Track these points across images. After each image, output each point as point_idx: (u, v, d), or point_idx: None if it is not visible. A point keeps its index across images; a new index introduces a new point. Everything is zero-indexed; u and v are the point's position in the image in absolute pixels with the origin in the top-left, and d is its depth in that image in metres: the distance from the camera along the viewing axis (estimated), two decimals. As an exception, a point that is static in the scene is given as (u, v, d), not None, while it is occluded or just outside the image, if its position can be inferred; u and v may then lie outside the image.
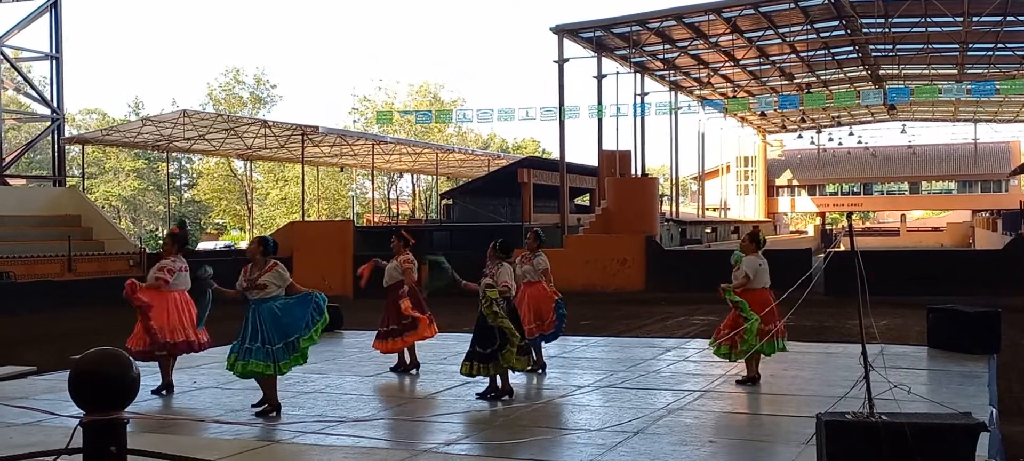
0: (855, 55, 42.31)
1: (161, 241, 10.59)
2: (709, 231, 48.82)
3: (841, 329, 15.66)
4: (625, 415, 8.50)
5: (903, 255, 29.10)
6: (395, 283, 11.17)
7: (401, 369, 11.23)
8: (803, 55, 41.65)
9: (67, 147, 42.15)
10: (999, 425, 7.93)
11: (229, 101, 67.09)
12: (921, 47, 39.45)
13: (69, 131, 47.45)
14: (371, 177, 57.19)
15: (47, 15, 34.76)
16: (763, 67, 43.75)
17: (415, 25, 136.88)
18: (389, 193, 71.79)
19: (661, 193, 41.49)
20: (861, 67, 44.86)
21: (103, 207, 53.61)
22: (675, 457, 7.04)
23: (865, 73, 46.09)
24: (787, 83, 47.95)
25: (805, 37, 37.88)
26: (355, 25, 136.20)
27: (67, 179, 40.15)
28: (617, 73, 38.63)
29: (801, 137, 69.08)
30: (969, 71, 43.45)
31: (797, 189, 78.55)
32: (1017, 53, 38.93)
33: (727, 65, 42.96)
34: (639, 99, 40.52)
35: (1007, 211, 49.27)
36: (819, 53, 41.22)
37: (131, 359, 3.09)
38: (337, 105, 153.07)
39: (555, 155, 44.18)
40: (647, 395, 9.58)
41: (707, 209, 65.44)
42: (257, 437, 8.12)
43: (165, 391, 10.11)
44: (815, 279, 8.64)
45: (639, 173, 38.11)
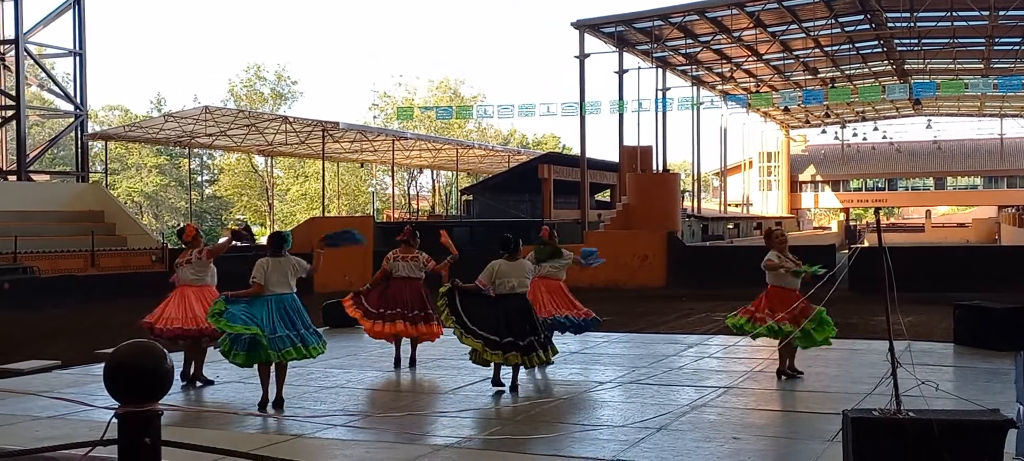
0: (880, 49, 42.05)
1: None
2: (731, 227, 48.65)
3: (866, 326, 15.55)
4: (647, 411, 8.44)
5: (928, 251, 28.89)
6: (409, 276, 11.17)
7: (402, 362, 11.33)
8: (827, 49, 41.38)
9: (90, 143, 42.39)
10: (1027, 422, 7.83)
11: (250, 97, 67.34)
12: (947, 41, 39.14)
13: (92, 127, 47.77)
14: (391, 173, 57.34)
15: (71, 12, 34.98)
16: (786, 62, 43.54)
17: (435, 19, 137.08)
18: (409, 189, 71.91)
19: (683, 189, 41.35)
20: (886, 61, 44.59)
21: (126, 203, 53.92)
22: (699, 454, 6.99)
23: (890, 67, 45.80)
24: (811, 78, 47.67)
25: (829, 31, 37.65)
26: (375, 21, 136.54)
27: (90, 175, 40.41)
28: (639, 68, 38.53)
29: (825, 132, 68.63)
30: (995, 66, 43.08)
31: (821, 185, 78.05)
32: (1044, 47, 38.60)
33: (750, 60, 42.77)
34: (660, 94, 40.40)
35: (1033, 207, 48.83)
36: (843, 47, 40.96)
37: (165, 352, 3.11)
38: (357, 101, 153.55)
39: (576, 151, 44.16)
40: (669, 391, 9.53)
41: (729, 205, 65.19)
42: (278, 431, 8.14)
43: (199, 382, 10.28)
44: (841, 277, 8.55)
45: (660, 169, 37.99)
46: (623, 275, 26.62)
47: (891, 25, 36.55)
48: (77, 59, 35.61)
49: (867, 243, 44.67)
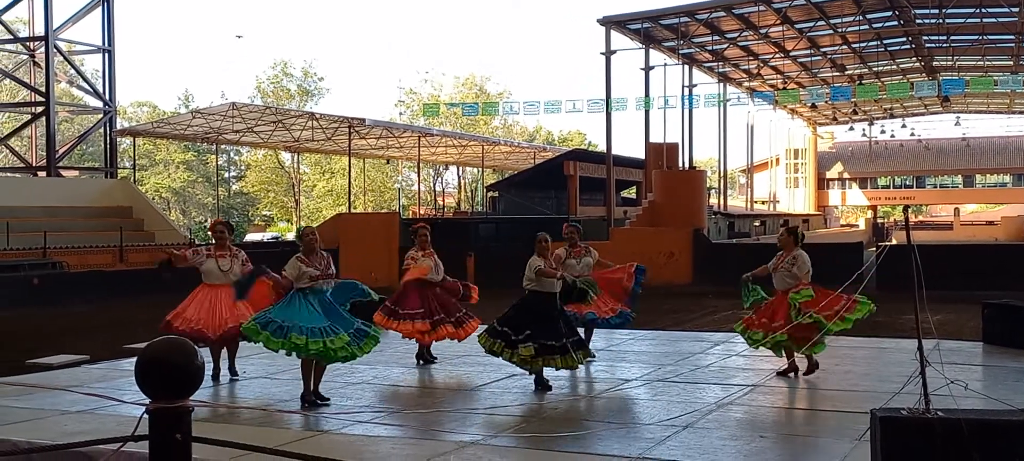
0: (908, 46, 41.68)
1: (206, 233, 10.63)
2: (757, 224, 48.36)
3: (894, 324, 15.42)
4: (674, 409, 8.42)
5: (957, 249, 28.63)
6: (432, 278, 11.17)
7: (428, 359, 11.33)
8: (855, 46, 41.08)
9: (118, 139, 42.78)
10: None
11: (277, 94, 67.65)
12: (976, 38, 38.75)
13: (120, 123, 48.11)
14: (417, 169, 57.44)
15: (100, 9, 35.30)
16: (814, 58, 43.25)
17: (462, 16, 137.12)
18: (435, 185, 72.03)
19: (709, 186, 41.18)
20: (914, 58, 44.21)
21: (153, 199, 54.36)
22: (726, 452, 6.96)
23: (918, 64, 45.41)
24: (838, 74, 47.32)
25: (857, 28, 37.36)
26: (402, 17, 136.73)
27: (118, 171, 40.77)
28: (665, 65, 38.40)
29: (852, 129, 68.05)
30: (1025, 62, 42.64)
31: (848, 182, 77.46)
32: (1075, 44, 38.14)
33: (777, 56, 42.53)
34: (687, 91, 40.26)
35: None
36: (871, 44, 40.64)
37: (195, 348, 3.13)
38: (383, 98, 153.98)
39: (601, 148, 44.08)
40: (695, 389, 9.50)
41: (756, 202, 64.82)
42: (305, 427, 8.17)
43: (232, 376, 10.37)
44: (869, 275, 8.49)
45: (687, 166, 37.86)
46: (649, 272, 26.39)
47: (919, 21, 36.22)
48: (106, 56, 35.92)
49: (895, 241, 44.32)
